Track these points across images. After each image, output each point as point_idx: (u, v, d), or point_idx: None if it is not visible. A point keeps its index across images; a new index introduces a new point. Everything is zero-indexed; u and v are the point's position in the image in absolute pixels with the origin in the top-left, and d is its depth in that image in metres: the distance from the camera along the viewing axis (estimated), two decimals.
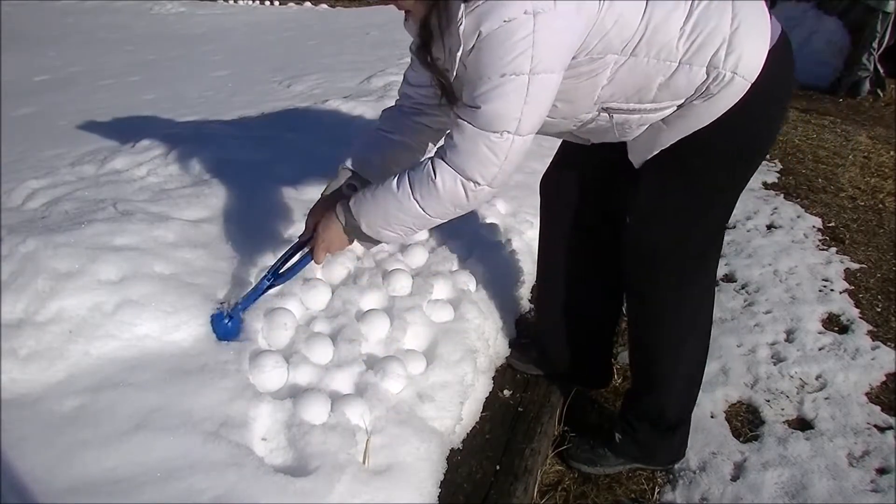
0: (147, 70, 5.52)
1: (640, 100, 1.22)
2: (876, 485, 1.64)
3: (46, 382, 1.31)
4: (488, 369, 1.72)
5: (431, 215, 1.22)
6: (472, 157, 1.14)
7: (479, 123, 1.11)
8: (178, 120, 3.22)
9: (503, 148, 1.12)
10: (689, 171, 1.31)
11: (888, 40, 5.78)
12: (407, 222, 1.25)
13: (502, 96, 1.07)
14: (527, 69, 1.05)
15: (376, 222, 1.26)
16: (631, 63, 1.16)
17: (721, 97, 1.20)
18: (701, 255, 1.42)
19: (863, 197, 3.60)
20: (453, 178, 1.16)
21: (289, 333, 1.54)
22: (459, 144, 1.14)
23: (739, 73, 1.17)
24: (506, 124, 1.10)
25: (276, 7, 11.14)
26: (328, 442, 1.26)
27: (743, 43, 1.16)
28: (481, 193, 1.18)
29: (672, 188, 1.34)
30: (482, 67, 1.08)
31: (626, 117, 1.26)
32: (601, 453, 1.65)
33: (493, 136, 1.11)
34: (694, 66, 1.16)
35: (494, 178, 1.16)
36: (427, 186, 1.18)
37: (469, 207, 1.23)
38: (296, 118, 3.20)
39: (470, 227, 2.15)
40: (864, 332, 2.28)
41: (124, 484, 1.11)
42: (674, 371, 1.52)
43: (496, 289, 1.93)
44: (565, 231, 1.62)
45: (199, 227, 1.84)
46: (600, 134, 1.34)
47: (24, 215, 1.92)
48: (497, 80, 1.07)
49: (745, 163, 1.35)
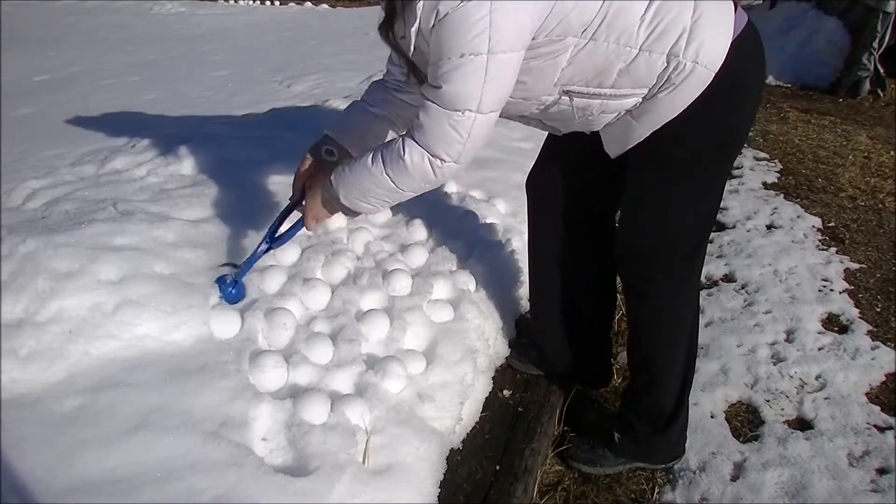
0: (147, 70, 5.52)
1: (601, 84, 1.23)
2: (876, 485, 1.64)
3: (46, 382, 1.31)
4: (488, 369, 1.73)
5: (403, 189, 1.28)
6: (436, 136, 1.18)
7: (441, 102, 1.14)
8: (178, 120, 3.23)
9: (466, 126, 1.15)
10: (667, 164, 1.33)
11: (888, 40, 5.78)
12: (381, 195, 1.30)
13: (463, 76, 1.10)
14: (485, 49, 1.08)
15: (353, 195, 1.32)
16: (591, 46, 1.18)
17: (684, 88, 1.21)
18: (691, 249, 1.43)
19: (863, 197, 3.60)
20: (421, 156, 1.21)
21: (289, 333, 1.54)
22: (425, 123, 1.18)
23: (700, 63, 1.18)
24: (467, 103, 1.13)
25: (276, 7, 11.14)
26: (328, 442, 1.26)
27: (704, 33, 1.17)
28: (448, 169, 1.22)
29: (653, 184, 1.36)
30: (442, 48, 1.11)
31: (587, 102, 1.27)
32: (601, 453, 1.65)
33: (456, 114, 1.14)
34: (654, 54, 1.18)
35: (459, 154, 1.20)
36: (398, 163, 1.23)
37: (438, 182, 1.27)
38: (296, 118, 3.20)
39: (470, 227, 2.15)
40: (864, 332, 2.28)
41: (124, 484, 1.11)
42: (670, 369, 1.53)
43: (496, 289, 1.93)
44: (553, 229, 1.63)
45: (199, 227, 1.84)
46: (565, 121, 1.35)
47: (24, 215, 1.92)
48: (457, 60, 1.10)
49: (720, 153, 1.35)
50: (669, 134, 1.27)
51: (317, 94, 3.97)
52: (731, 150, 1.39)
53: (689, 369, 1.56)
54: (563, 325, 1.73)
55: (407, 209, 2.21)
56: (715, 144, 1.32)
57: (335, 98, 3.64)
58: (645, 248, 1.42)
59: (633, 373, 1.62)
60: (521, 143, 3.13)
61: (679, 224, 1.39)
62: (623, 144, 1.33)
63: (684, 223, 1.39)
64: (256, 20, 9.40)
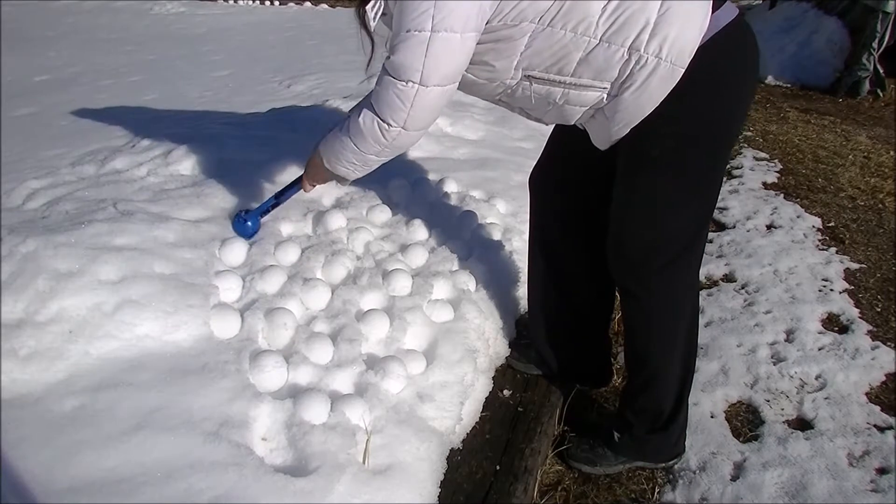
0: (147, 70, 5.52)
1: (560, 71, 1.25)
2: (876, 485, 1.64)
3: (46, 382, 1.31)
4: (488, 369, 1.72)
5: (364, 151, 1.37)
6: (384, 102, 1.26)
7: (389, 70, 1.23)
8: (178, 120, 3.22)
9: (409, 96, 1.23)
10: (648, 163, 1.33)
11: (888, 40, 5.78)
12: (349, 157, 1.41)
13: (406, 49, 1.19)
14: (428, 27, 1.15)
15: (330, 157, 1.46)
16: (547, 33, 1.21)
17: (651, 84, 1.20)
18: (683, 249, 1.42)
19: (863, 197, 3.60)
20: (371, 119, 1.30)
21: (289, 333, 1.54)
22: (377, 88, 1.28)
23: (665, 58, 1.18)
24: (409, 74, 1.20)
25: (276, 7, 11.14)
26: (328, 442, 1.26)
27: (669, 28, 1.16)
28: (398, 135, 1.30)
29: (638, 183, 1.36)
30: (396, 21, 1.20)
31: (548, 88, 1.28)
32: (601, 452, 1.65)
33: (400, 83, 1.22)
34: (613, 45, 1.19)
35: (405, 122, 1.27)
36: (355, 124, 1.34)
37: (392, 146, 1.34)
38: (296, 118, 3.20)
39: (470, 227, 2.15)
40: (864, 332, 2.28)
41: (124, 484, 1.11)
42: (666, 369, 1.53)
43: (496, 289, 1.93)
44: (554, 225, 1.64)
45: (199, 227, 1.84)
46: (536, 109, 1.37)
47: (24, 215, 1.92)
48: (404, 34, 1.18)
49: (703, 152, 1.32)
50: (647, 131, 1.27)
51: (317, 94, 3.97)
52: (715, 149, 1.35)
53: (687, 369, 1.55)
54: (561, 325, 1.73)
55: (407, 209, 2.21)
56: (694, 141, 1.29)
57: (335, 98, 3.64)
58: (632, 248, 1.42)
59: (630, 372, 1.61)
60: (521, 143, 3.13)
61: (666, 223, 1.38)
62: (606, 140, 1.34)
63: (671, 222, 1.38)
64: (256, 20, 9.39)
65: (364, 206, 2.16)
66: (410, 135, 1.31)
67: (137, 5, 10.58)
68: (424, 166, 2.60)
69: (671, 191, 1.34)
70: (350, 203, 2.16)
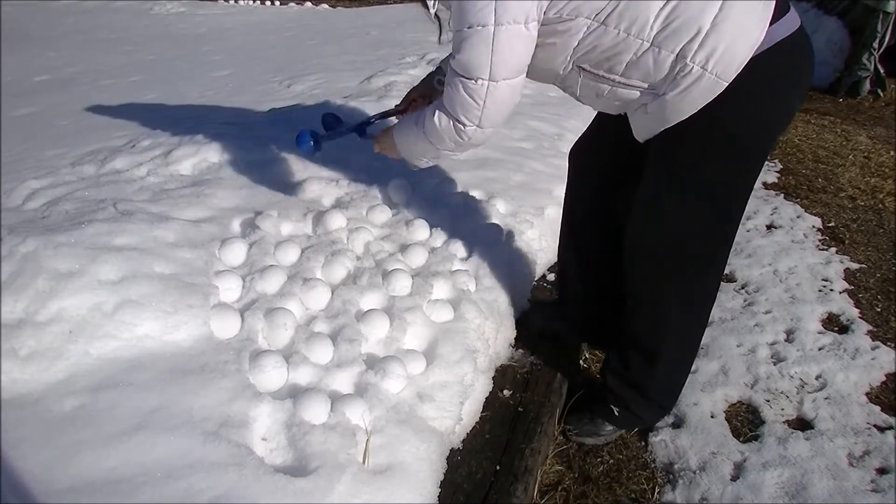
0: (147, 70, 5.52)
1: (610, 70, 1.26)
2: (876, 485, 1.64)
3: (46, 382, 1.31)
4: (488, 369, 1.72)
5: (439, 147, 1.39)
6: (456, 102, 1.27)
7: (458, 70, 1.23)
8: (179, 120, 3.22)
9: (481, 93, 1.23)
10: (676, 165, 1.34)
11: (888, 40, 5.78)
12: (424, 150, 1.44)
13: (471, 46, 1.19)
14: (491, 21, 1.15)
15: (403, 145, 1.49)
16: (601, 31, 1.22)
17: (692, 92, 1.20)
18: (700, 256, 1.42)
19: (863, 197, 3.60)
20: (447, 119, 1.31)
21: (289, 333, 1.54)
22: (447, 90, 1.29)
23: (710, 70, 1.17)
24: (479, 72, 1.21)
25: (276, 7, 11.13)
26: (328, 442, 1.26)
27: (720, 40, 1.15)
28: (474, 133, 1.31)
29: (664, 183, 1.37)
30: (457, 18, 1.20)
31: (597, 84, 1.31)
32: (600, 424, 1.75)
33: (470, 82, 1.23)
34: (663, 51, 1.19)
35: (480, 119, 1.28)
36: (430, 123, 1.35)
37: (471, 143, 1.35)
38: (296, 118, 3.20)
39: (470, 227, 2.15)
40: (864, 332, 2.28)
41: (124, 484, 1.11)
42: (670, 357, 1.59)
43: (496, 289, 1.93)
44: (584, 198, 1.71)
45: (199, 227, 1.84)
46: (581, 95, 1.39)
47: (24, 215, 1.92)
48: (466, 30, 1.18)
49: (734, 162, 1.31)
50: (679, 135, 1.27)
51: (317, 94, 3.96)
52: (746, 160, 1.33)
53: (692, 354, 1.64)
54: (585, 287, 1.82)
55: (407, 209, 2.21)
56: (725, 152, 1.29)
57: (335, 98, 3.64)
58: (651, 248, 1.44)
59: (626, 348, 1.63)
60: (521, 144, 3.13)
61: (687, 227, 1.38)
62: (646, 134, 1.35)
63: (693, 226, 1.38)
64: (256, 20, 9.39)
65: (364, 206, 2.16)
66: (486, 132, 1.32)
67: (137, 5, 10.57)
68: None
69: (696, 195, 1.34)
70: (350, 203, 2.16)
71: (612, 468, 1.72)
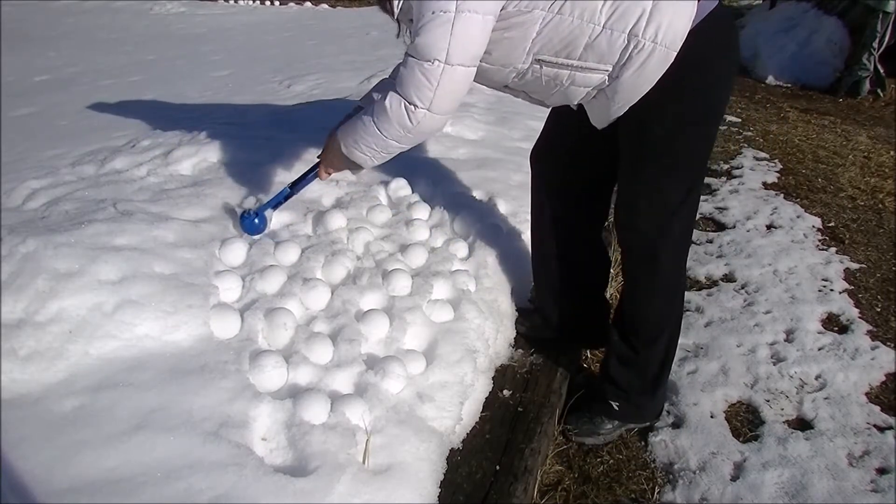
0: (147, 70, 5.52)
1: (569, 55, 1.35)
2: (876, 485, 1.64)
3: (46, 382, 1.31)
4: (488, 369, 1.72)
5: (387, 136, 1.40)
6: (410, 82, 1.31)
7: (415, 52, 1.28)
8: (179, 120, 3.22)
9: (435, 74, 1.28)
10: (651, 137, 1.42)
11: (888, 40, 5.78)
12: (370, 142, 1.44)
13: (432, 29, 1.24)
14: (452, 7, 1.22)
15: (348, 142, 1.48)
16: (557, 20, 1.31)
17: (648, 66, 1.31)
18: (679, 205, 1.50)
19: (863, 197, 3.60)
20: (398, 101, 1.34)
21: (289, 333, 1.54)
22: (402, 72, 1.32)
23: (660, 43, 1.29)
24: (436, 53, 1.26)
25: (276, 7, 11.13)
26: (328, 442, 1.26)
27: (663, 16, 1.28)
28: (423, 116, 1.33)
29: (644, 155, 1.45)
30: (419, 7, 1.26)
31: (556, 71, 1.38)
32: (599, 422, 1.76)
33: (426, 63, 1.27)
34: (615, 32, 1.30)
35: (431, 102, 1.31)
36: (380, 107, 1.37)
37: (417, 131, 1.37)
38: (296, 118, 3.20)
39: (470, 226, 2.15)
40: (864, 332, 2.28)
41: (124, 484, 1.11)
42: (661, 333, 1.64)
43: (496, 289, 1.93)
44: (553, 197, 1.74)
45: (199, 227, 1.84)
46: (543, 91, 1.45)
47: (24, 215, 1.92)
48: (429, 15, 1.24)
49: (695, 128, 1.43)
50: (647, 111, 1.37)
51: (317, 94, 3.96)
52: (703, 125, 1.46)
53: (676, 332, 1.69)
54: (562, 289, 1.84)
55: (407, 209, 2.21)
56: (689, 118, 1.40)
57: (335, 98, 3.64)
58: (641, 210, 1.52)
59: (624, 338, 1.67)
60: (520, 144, 3.13)
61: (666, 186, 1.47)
62: (605, 119, 1.44)
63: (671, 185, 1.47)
64: (256, 20, 9.39)
65: (364, 206, 2.16)
66: (435, 118, 1.35)
67: (137, 5, 10.57)
68: (424, 166, 2.60)
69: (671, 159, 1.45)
70: (350, 203, 2.16)
71: (612, 468, 1.72)
